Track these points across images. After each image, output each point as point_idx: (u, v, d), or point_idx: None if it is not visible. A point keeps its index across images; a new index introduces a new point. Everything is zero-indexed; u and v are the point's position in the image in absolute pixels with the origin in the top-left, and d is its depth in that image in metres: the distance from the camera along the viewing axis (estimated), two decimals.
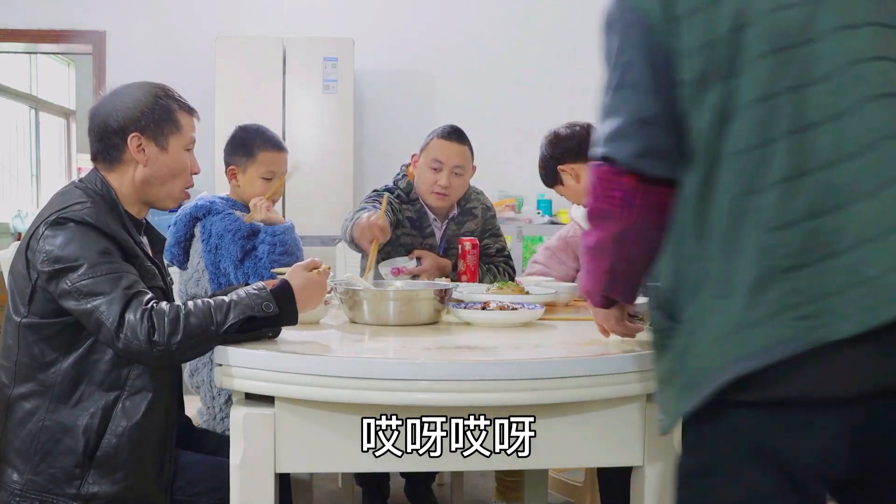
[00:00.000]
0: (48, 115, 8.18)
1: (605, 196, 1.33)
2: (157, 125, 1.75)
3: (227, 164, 2.55)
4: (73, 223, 1.59)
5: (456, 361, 1.46)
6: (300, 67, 4.78)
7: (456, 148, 2.71)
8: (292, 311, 1.62)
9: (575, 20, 5.33)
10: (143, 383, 1.64)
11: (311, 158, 4.73)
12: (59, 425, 1.60)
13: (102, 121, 1.75)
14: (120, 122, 1.73)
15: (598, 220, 1.37)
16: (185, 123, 1.81)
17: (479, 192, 2.95)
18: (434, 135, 2.75)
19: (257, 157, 2.50)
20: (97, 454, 1.60)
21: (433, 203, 2.75)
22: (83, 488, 1.60)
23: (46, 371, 1.62)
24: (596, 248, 1.40)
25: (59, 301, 1.58)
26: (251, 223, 2.45)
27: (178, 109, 1.80)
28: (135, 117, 1.74)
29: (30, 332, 1.63)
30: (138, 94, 1.77)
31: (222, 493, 1.59)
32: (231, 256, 2.38)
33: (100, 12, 5.22)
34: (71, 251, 1.57)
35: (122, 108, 1.74)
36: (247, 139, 2.54)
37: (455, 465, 1.53)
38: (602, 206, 1.35)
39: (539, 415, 1.52)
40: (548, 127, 2.67)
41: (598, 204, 1.35)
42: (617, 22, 1.28)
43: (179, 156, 1.79)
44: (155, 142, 1.75)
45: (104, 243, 1.60)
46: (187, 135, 1.81)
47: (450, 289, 1.95)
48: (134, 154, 1.74)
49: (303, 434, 1.50)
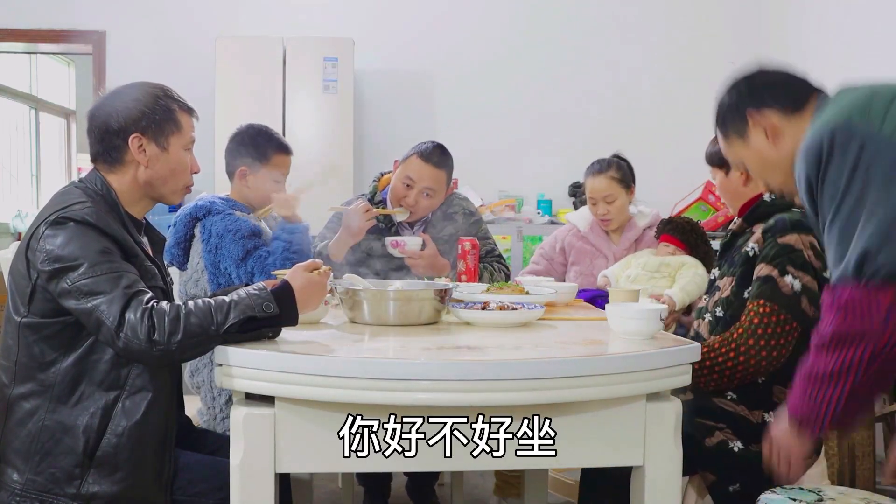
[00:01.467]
0: (48, 115, 8.17)
1: (861, 317, 1.36)
2: (158, 125, 1.76)
3: (236, 164, 2.54)
4: (74, 222, 1.59)
5: (456, 361, 1.46)
6: (300, 67, 4.78)
7: (431, 171, 2.72)
8: (292, 312, 1.62)
9: (575, 20, 5.34)
10: (143, 383, 1.64)
11: (311, 158, 4.73)
12: (59, 425, 1.61)
13: (103, 122, 1.75)
14: (120, 123, 1.74)
15: (842, 344, 1.39)
16: (185, 123, 1.81)
17: (462, 198, 2.97)
18: (415, 151, 2.77)
19: (271, 159, 2.54)
20: (97, 454, 1.60)
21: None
22: (83, 488, 1.60)
23: (46, 371, 1.62)
24: (834, 373, 1.41)
25: (59, 300, 1.58)
26: (252, 224, 2.45)
27: (178, 109, 1.80)
28: (135, 118, 1.74)
29: (30, 331, 1.63)
30: (138, 95, 1.77)
31: (222, 493, 1.59)
32: (232, 256, 2.38)
33: (100, 12, 5.21)
34: (71, 251, 1.57)
35: (123, 108, 1.74)
36: (259, 142, 2.55)
37: (455, 465, 1.53)
38: (854, 327, 1.37)
39: (539, 415, 1.52)
40: (547, 127, 2.68)
41: (849, 326, 1.38)
42: (841, 145, 1.37)
43: (180, 155, 1.80)
44: (156, 142, 1.76)
45: (104, 243, 1.60)
46: (187, 134, 1.82)
47: (450, 289, 1.95)
48: (135, 155, 1.74)
49: (303, 434, 1.50)
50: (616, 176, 2.97)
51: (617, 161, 3.02)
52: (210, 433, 2.06)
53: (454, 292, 2.04)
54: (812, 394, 1.46)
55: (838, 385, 1.42)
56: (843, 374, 1.41)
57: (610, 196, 2.97)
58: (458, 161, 5.25)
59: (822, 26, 4.60)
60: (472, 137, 5.27)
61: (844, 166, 1.39)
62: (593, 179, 2.99)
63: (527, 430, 1.52)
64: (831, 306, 1.41)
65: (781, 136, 1.63)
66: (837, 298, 1.40)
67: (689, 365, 1.61)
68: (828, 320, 1.42)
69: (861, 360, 1.38)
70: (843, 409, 1.45)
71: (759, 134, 1.65)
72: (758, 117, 1.64)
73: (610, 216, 3.00)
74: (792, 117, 1.62)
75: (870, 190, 1.37)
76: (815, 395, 1.46)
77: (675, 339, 1.72)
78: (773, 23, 5.20)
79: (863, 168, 1.38)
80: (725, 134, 1.73)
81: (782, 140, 1.63)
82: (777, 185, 1.72)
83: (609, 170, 2.97)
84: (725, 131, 1.73)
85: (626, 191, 3.00)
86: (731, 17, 5.33)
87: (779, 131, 1.63)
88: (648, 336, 1.66)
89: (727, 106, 1.71)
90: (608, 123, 5.16)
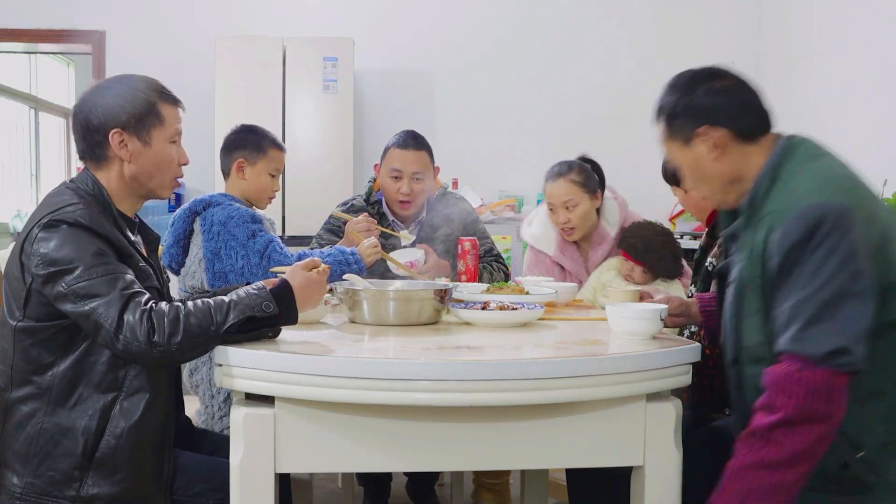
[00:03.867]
0: (48, 115, 8.17)
1: (828, 400, 1.39)
2: (139, 120, 1.72)
3: (233, 157, 2.56)
4: (66, 225, 1.58)
5: (456, 361, 1.46)
6: (300, 67, 4.78)
7: (413, 155, 2.74)
8: (292, 311, 1.62)
9: (575, 21, 5.34)
10: (141, 384, 1.63)
11: (310, 158, 4.73)
12: (57, 427, 1.60)
13: (84, 119, 1.72)
14: (100, 119, 1.71)
15: (804, 425, 1.40)
16: (169, 115, 1.76)
17: (459, 198, 2.97)
18: (390, 144, 2.79)
19: (268, 152, 2.57)
20: (96, 455, 1.60)
21: (399, 211, 2.81)
22: (83, 490, 1.59)
23: (43, 374, 1.61)
24: (794, 458, 1.40)
25: (55, 304, 1.57)
26: (253, 211, 2.47)
27: (161, 101, 1.75)
28: (114, 113, 1.71)
29: (26, 335, 1.62)
30: (118, 90, 1.74)
31: (222, 493, 1.59)
32: (238, 238, 2.38)
33: (100, 12, 5.21)
34: (65, 254, 1.56)
35: (102, 104, 1.72)
36: (254, 136, 2.59)
37: (455, 465, 1.53)
38: (820, 408, 1.39)
39: (539, 415, 1.52)
40: (547, 127, 2.66)
41: (817, 406, 1.39)
42: (838, 230, 1.41)
43: (164, 149, 1.76)
44: (137, 137, 1.72)
45: (98, 244, 1.59)
46: (171, 127, 1.77)
47: (450, 289, 1.95)
48: (117, 151, 1.71)
49: (303, 434, 1.50)
50: (577, 179, 2.68)
51: (579, 164, 2.74)
52: (210, 433, 2.06)
53: (454, 292, 2.04)
54: (762, 485, 1.42)
55: (794, 471, 1.41)
56: (800, 459, 1.40)
57: (570, 201, 2.67)
58: (458, 161, 5.27)
59: (822, 25, 4.60)
60: (472, 137, 5.28)
61: (837, 251, 1.41)
62: (552, 184, 2.70)
63: (527, 430, 1.52)
64: (795, 383, 1.40)
65: (725, 154, 1.60)
66: (803, 379, 1.40)
67: (689, 365, 1.61)
68: (784, 399, 1.40)
69: (820, 440, 1.40)
70: (795, 495, 1.43)
71: (704, 144, 1.61)
72: (709, 132, 1.60)
73: (572, 224, 2.69)
74: (742, 144, 1.60)
75: (857, 284, 1.41)
76: (766, 485, 1.41)
77: (675, 339, 1.72)
78: (773, 23, 5.20)
79: (854, 262, 1.41)
80: (670, 132, 1.66)
81: (724, 158, 1.60)
82: (702, 194, 1.73)
83: (569, 173, 2.69)
84: (671, 129, 1.65)
85: (590, 196, 2.70)
86: (732, 16, 5.33)
87: (724, 149, 1.60)
88: (648, 336, 1.66)
89: (681, 107, 1.63)
90: (608, 123, 5.16)
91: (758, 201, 1.56)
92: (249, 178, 2.55)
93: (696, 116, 1.61)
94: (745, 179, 1.61)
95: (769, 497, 1.42)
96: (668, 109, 1.66)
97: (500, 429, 1.53)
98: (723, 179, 1.62)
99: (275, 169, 2.59)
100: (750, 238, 1.55)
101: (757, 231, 1.53)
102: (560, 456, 1.60)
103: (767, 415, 1.43)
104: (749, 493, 1.43)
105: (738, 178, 1.61)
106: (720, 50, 5.26)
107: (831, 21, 4.51)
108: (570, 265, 2.79)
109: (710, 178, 1.64)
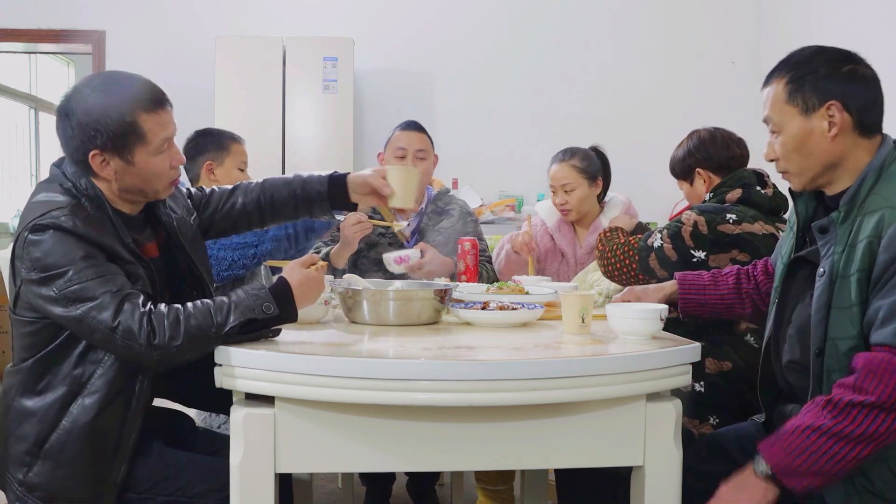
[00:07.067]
0: (48, 115, 8.16)
1: None
2: (118, 140, 1.63)
3: (200, 163, 2.59)
4: (52, 230, 1.57)
5: (456, 361, 1.46)
6: (300, 67, 4.78)
7: (417, 136, 2.87)
8: (291, 310, 1.62)
9: (576, 20, 5.34)
10: (103, 385, 1.61)
11: (310, 158, 4.73)
12: (23, 408, 1.64)
13: (63, 133, 1.66)
14: (79, 140, 1.63)
15: (887, 414, 1.42)
16: (152, 127, 1.66)
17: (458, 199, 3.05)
18: (396, 129, 2.92)
19: (231, 148, 2.64)
20: (45, 447, 1.61)
21: None
22: (28, 477, 1.62)
23: (27, 358, 1.65)
24: (864, 437, 1.43)
25: (46, 308, 1.57)
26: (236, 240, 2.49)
27: (143, 114, 1.64)
28: (90, 136, 1.62)
29: (19, 325, 1.68)
30: (97, 102, 1.63)
31: (222, 493, 1.58)
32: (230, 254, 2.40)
33: (99, 12, 5.21)
34: (55, 259, 1.55)
35: (83, 121, 1.62)
36: (213, 136, 2.65)
37: (455, 465, 1.53)
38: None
39: (539, 415, 1.52)
40: (547, 127, 2.68)
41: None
42: None
43: (148, 164, 1.67)
44: (119, 156, 1.65)
45: (86, 248, 1.57)
46: (156, 138, 1.66)
47: (450, 289, 1.94)
48: (99, 171, 1.66)
49: (303, 434, 1.50)
50: (578, 165, 2.84)
51: (584, 151, 2.90)
52: (210, 433, 2.05)
53: (454, 292, 2.04)
54: (827, 449, 1.46)
55: (860, 449, 1.44)
56: (871, 440, 1.44)
57: (568, 185, 2.84)
58: (458, 161, 5.27)
59: (822, 25, 4.60)
60: (472, 137, 5.28)
61: None
62: (555, 167, 2.88)
63: (527, 430, 1.52)
64: (891, 373, 1.43)
65: (839, 138, 1.59)
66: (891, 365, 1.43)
67: (689, 365, 1.61)
68: (875, 384, 1.43)
69: (890, 431, 1.43)
70: (847, 473, 1.47)
71: (825, 120, 1.59)
72: (837, 112, 1.58)
73: (569, 206, 2.86)
74: (857, 135, 1.60)
75: None
76: (831, 453, 1.45)
77: (675, 339, 1.72)
78: (773, 22, 5.20)
79: None
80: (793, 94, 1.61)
81: (837, 141, 1.59)
82: (790, 167, 1.66)
83: (572, 158, 2.86)
84: (796, 92, 1.61)
85: (590, 182, 2.86)
86: (732, 16, 5.33)
87: (841, 133, 1.59)
88: (648, 336, 1.66)
89: (821, 77, 1.60)
90: (608, 123, 5.16)
91: (860, 196, 1.56)
92: (221, 177, 2.58)
93: (832, 92, 1.60)
94: (842, 168, 1.61)
95: (821, 462, 1.45)
96: (803, 72, 1.62)
97: (500, 429, 1.53)
98: (825, 160, 1.61)
99: (241, 162, 2.64)
100: (848, 231, 1.56)
101: (862, 225, 1.54)
102: (560, 456, 1.60)
103: (854, 394, 1.45)
104: (805, 451, 1.46)
105: (837, 164, 1.61)
106: (720, 50, 5.27)
107: (831, 21, 4.51)
108: (560, 241, 2.96)
109: (813, 155, 1.62)
